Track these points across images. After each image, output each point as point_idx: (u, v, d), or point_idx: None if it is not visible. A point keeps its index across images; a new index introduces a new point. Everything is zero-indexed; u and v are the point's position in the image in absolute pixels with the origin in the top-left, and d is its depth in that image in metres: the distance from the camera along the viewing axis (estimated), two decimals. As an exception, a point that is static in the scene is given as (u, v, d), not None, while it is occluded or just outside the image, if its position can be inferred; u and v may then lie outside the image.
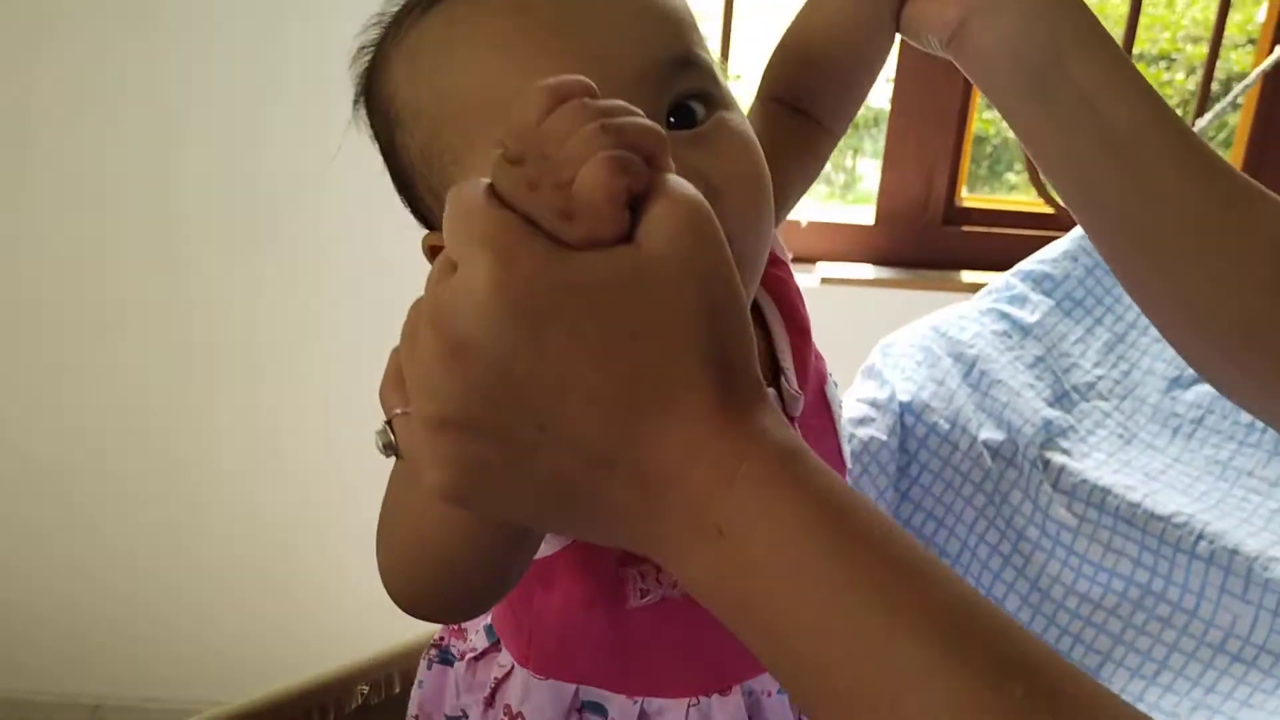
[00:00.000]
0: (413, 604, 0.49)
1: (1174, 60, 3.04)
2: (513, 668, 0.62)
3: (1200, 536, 0.97)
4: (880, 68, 0.70)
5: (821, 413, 0.63)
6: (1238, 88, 1.19)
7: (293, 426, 1.62)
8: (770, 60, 0.67)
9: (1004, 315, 1.12)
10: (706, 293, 0.35)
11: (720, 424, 0.35)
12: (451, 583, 0.47)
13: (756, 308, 0.61)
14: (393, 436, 0.40)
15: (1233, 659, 0.95)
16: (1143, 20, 1.52)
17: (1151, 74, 3.01)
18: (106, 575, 1.71)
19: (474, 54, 0.49)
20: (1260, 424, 1.06)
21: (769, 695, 0.61)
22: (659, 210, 0.35)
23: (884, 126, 1.56)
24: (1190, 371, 1.11)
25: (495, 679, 0.63)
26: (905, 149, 1.52)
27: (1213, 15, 1.60)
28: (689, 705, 0.59)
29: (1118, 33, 1.28)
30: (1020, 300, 1.14)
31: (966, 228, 1.56)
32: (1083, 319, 1.16)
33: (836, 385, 0.66)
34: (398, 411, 0.39)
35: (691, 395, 0.35)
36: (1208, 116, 1.20)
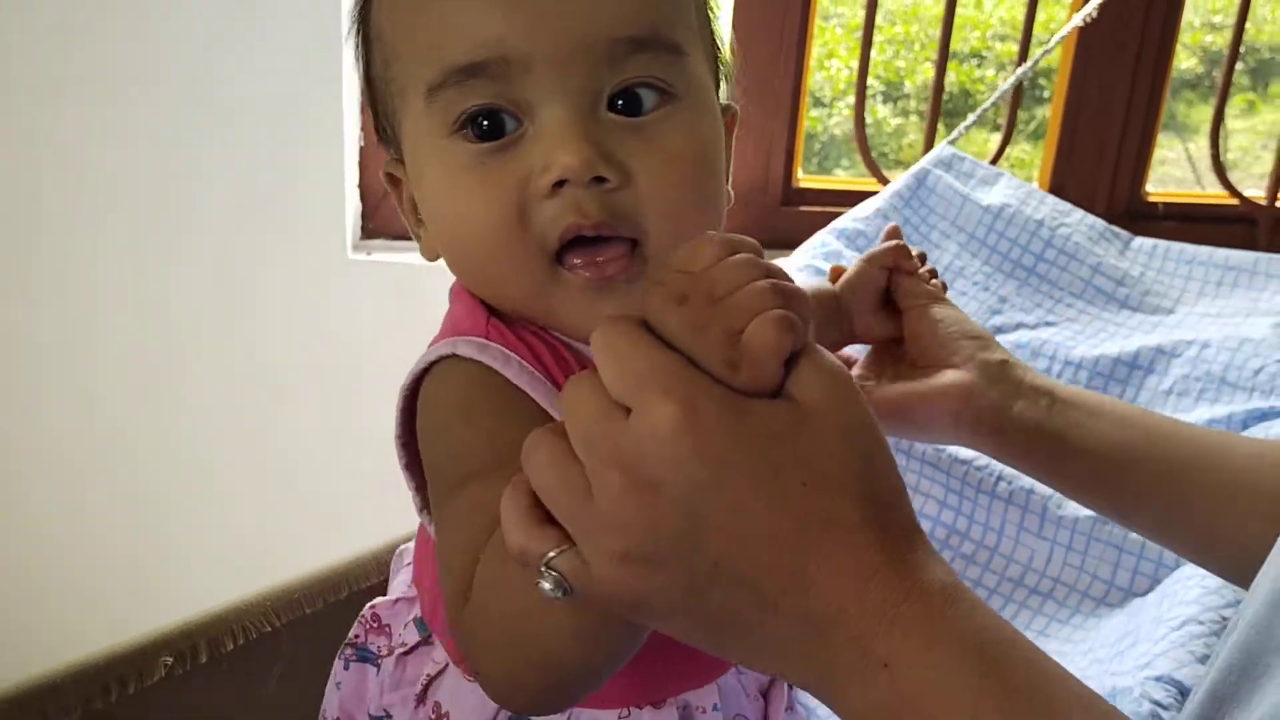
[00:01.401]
0: (512, 701, 0.50)
1: (984, 57, 3.22)
2: (446, 665, 0.60)
3: (1000, 478, 1.01)
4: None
5: None
6: (1016, 73, 1.26)
7: (70, 420, 1.54)
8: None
9: (819, 271, 1.14)
10: (858, 443, 0.39)
11: (880, 561, 0.37)
12: (562, 690, 0.47)
13: None
14: (558, 573, 0.40)
15: (1030, 592, 0.99)
16: (954, 20, 1.59)
17: (964, 70, 3.19)
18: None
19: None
20: (1057, 367, 1.12)
21: (704, 711, 0.59)
22: (808, 372, 0.38)
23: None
24: (996, 320, 1.16)
25: (428, 675, 0.60)
26: (744, 133, 1.54)
27: (1020, 15, 1.68)
28: (619, 716, 0.57)
29: (933, 32, 1.32)
30: (835, 256, 1.16)
31: (804, 207, 1.60)
32: (893, 273, 1.19)
33: None
34: (552, 553, 0.39)
35: (853, 535, 0.37)
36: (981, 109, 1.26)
